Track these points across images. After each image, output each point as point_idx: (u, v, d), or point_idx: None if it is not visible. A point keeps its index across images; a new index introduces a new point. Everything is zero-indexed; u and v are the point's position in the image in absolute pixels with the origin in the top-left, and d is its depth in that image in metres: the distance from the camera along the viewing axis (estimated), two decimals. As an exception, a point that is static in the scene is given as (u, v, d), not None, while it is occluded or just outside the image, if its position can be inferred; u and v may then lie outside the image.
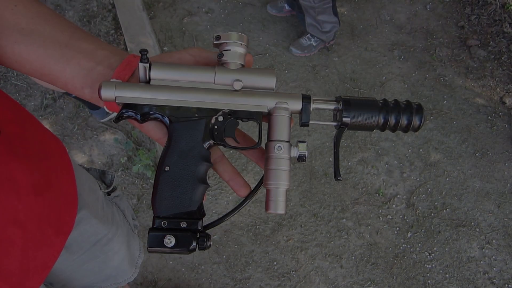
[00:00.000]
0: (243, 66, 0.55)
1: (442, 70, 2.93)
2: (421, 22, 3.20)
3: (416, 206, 2.36)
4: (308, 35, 2.81)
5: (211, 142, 0.53)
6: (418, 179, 2.45)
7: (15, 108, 0.65)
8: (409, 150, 2.54)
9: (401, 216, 2.33)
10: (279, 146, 0.52)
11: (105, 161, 2.34)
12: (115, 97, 0.51)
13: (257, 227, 2.22)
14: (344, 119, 0.54)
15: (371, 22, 3.15)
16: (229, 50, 0.54)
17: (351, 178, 2.42)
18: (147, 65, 0.52)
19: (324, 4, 2.58)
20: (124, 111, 0.52)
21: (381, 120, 0.55)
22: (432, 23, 3.19)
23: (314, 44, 2.83)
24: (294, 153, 0.54)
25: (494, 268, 2.22)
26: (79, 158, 2.34)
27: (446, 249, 2.25)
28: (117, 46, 2.73)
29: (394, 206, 2.35)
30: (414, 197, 2.39)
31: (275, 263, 2.15)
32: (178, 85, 0.53)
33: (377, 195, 2.38)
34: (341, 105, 0.55)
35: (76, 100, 2.47)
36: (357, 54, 2.95)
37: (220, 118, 0.54)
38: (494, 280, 2.19)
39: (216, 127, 0.54)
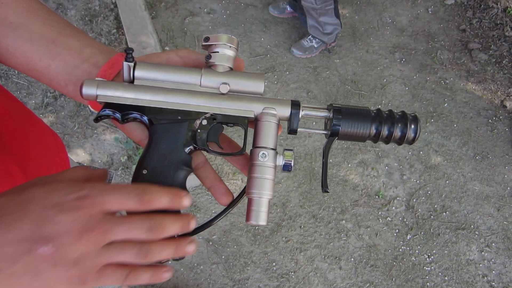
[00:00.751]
0: (231, 69, 0.54)
1: (443, 73, 2.93)
2: (422, 25, 3.20)
3: (416, 209, 2.36)
4: (310, 36, 2.81)
5: (193, 146, 0.51)
6: (418, 181, 2.45)
7: (11, 104, 0.65)
8: (409, 153, 2.54)
9: (400, 218, 2.32)
10: (263, 153, 0.51)
11: (105, 160, 2.34)
12: (97, 96, 0.50)
13: (257, 227, 2.22)
14: (334, 128, 0.52)
15: (372, 24, 3.15)
16: (218, 52, 0.52)
17: (351, 179, 2.42)
18: (132, 64, 0.51)
19: (326, 5, 2.58)
20: (104, 110, 0.51)
21: (373, 131, 0.53)
22: (433, 26, 3.20)
23: (315, 46, 2.83)
24: (280, 161, 0.52)
25: (493, 271, 2.21)
26: (79, 156, 2.34)
27: (446, 251, 2.25)
28: (119, 45, 2.73)
29: (393, 208, 2.35)
30: (414, 200, 2.39)
31: (274, 264, 2.15)
32: (163, 86, 0.51)
33: (377, 197, 2.38)
34: (332, 113, 0.53)
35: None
36: (359, 56, 2.95)
37: (204, 122, 0.52)
38: (493, 284, 2.18)
39: (199, 131, 0.52)
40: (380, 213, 2.33)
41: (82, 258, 0.40)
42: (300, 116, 0.53)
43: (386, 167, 2.48)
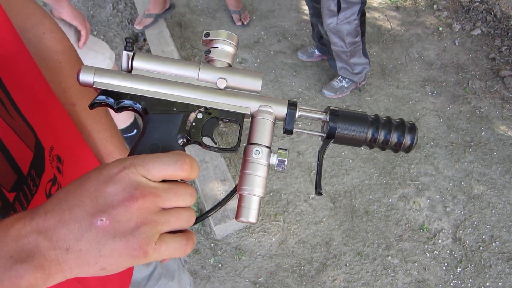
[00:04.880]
0: (230, 65, 0.54)
1: (477, 102, 2.93)
2: (451, 57, 3.24)
3: (463, 240, 2.31)
4: (340, 77, 2.89)
5: (186, 139, 0.51)
6: (462, 212, 2.41)
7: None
8: (451, 184, 2.52)
9: (448, 251, 2.28)
10: (257, 150, 0.50)
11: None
12: (94, 82, 0.50)
13: (302, 268, 2.22)
14: (330, 130, 0.52)
15: (400, 60, 3.21)
16: (217, 47, 0.53)
17: (393, 214, 2.41)
18: (131, 53, 0.51)
19: (355, 47, 2.67)
20: (100, 97, 0.51)
21: (370, 136, 0.53)
22: (462, 57, 3.23)
23: (345, 86, 2.90)
24: (273, 160, 0.51)
25: (554, 303, 2.12)
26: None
27: (500, 284, 2.17)
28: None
29: (440, 241, 2.31)
30: (460, 231, 2.34)
31: (322, 304, 2.13)
32: (160, 78, 0.52)
33: (421, 230, 2.35)
34: (328, 116, 0.53)
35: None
36: (389, 92, 3.00)
37: (200, 116, 0.52)
38: (555, 316, 2.08)
39: (194, 124, 0.52)
40: (426, 247, 2.29)
41: (138, 227, 0.40)
42: (296, 116, 0.53)
43: (428, 200, 2.46)
